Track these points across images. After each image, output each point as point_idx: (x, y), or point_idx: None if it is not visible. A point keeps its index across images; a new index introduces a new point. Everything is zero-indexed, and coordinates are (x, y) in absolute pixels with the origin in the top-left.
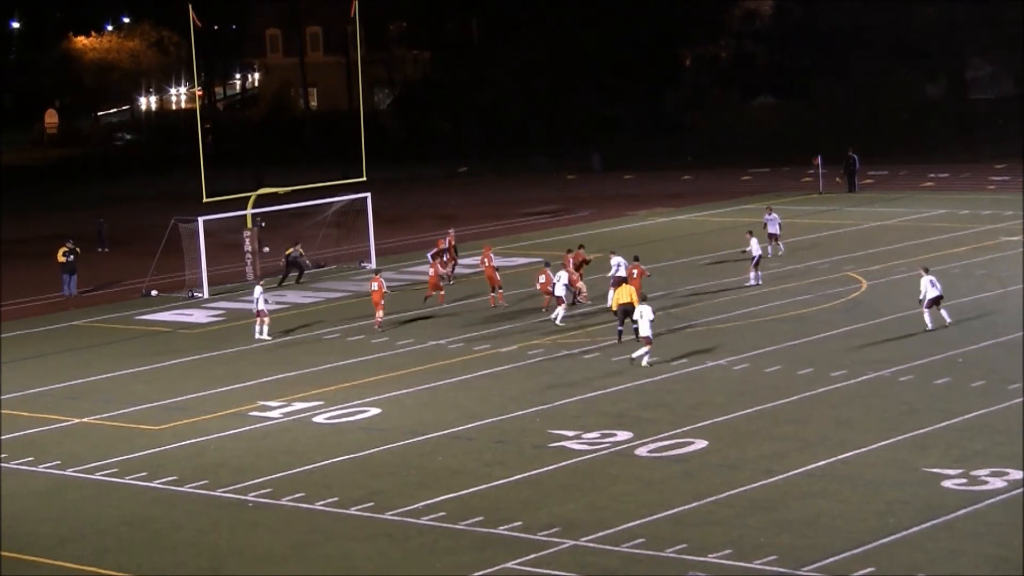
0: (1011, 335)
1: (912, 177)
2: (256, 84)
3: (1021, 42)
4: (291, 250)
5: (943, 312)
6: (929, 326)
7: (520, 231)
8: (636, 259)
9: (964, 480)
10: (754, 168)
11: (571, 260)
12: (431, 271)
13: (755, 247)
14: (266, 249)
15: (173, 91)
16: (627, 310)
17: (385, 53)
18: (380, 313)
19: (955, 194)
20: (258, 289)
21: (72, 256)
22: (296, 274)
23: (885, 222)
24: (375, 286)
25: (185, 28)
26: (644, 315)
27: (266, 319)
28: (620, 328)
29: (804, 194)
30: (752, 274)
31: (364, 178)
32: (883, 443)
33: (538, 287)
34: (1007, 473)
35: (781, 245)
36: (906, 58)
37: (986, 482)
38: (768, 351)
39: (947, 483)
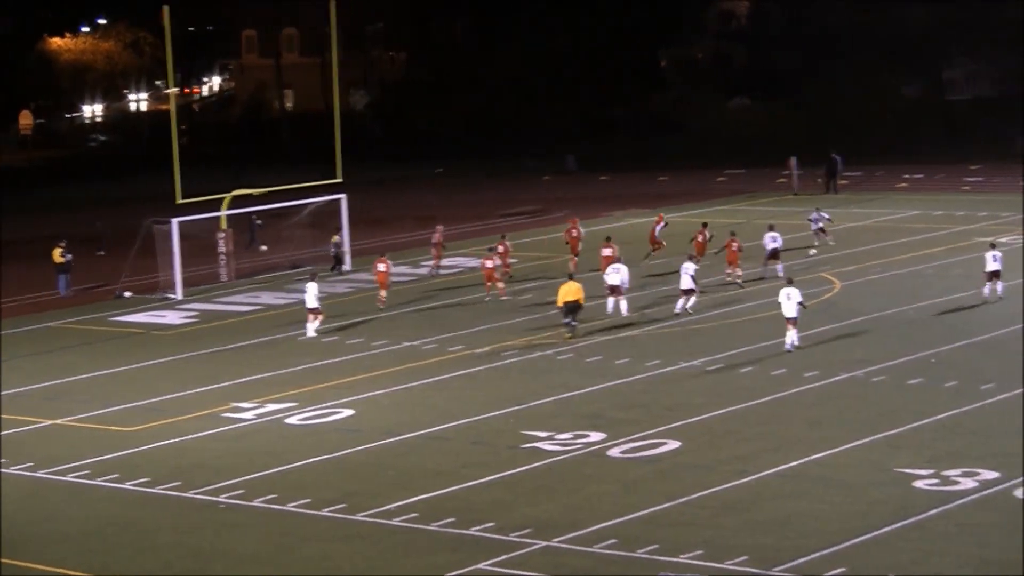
0: (984, 335)
1: (887, 178)
2: (232, 85)
3: (998, 43)
4: (336, 237)
5: (998, 286)
6: (985, 294)
7: (498, 232)
8: (733, 234)
9: (936, 480)
10: (730, 169)
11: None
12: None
13: (768, 240)
14: (263, 247)
15: (148, 92)
16: (572, 307)
17: (362, 54)
18: (383, 293)
19: (929, 195)
20: (313, 286)
21: (70, 256)
22: (337, 265)
23: (860, 223)
24: (382, 267)
25: (161, 29)
26: (792, 297)
27: (320, 316)
28: (567, 320)
29: (779, 195)
30: (778, 266)
31: (340, 179)
32: (856, 443)
33: (483, 271)
34: (979, 473)
35: (817, 241)
36: (884, 59)
37: (958, 482)
38: (742, 352)
39: (919, 483)
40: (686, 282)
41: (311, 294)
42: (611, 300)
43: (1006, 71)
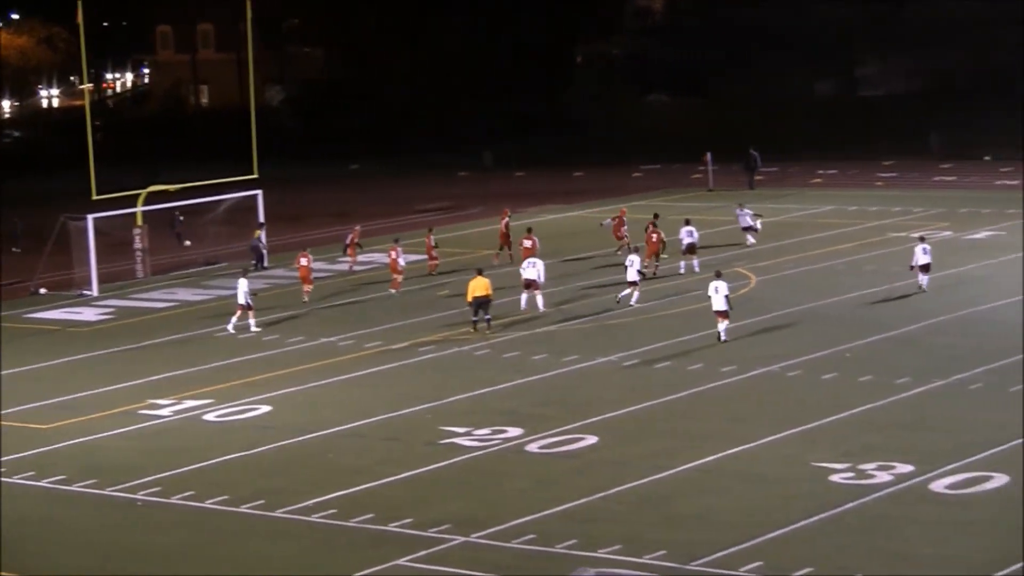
0: (898, 330)
1: (802, 174)
2: (147, 81)
3: (909, 40)
4: (259, 232)
5: (925, 279)
6: (922, 287)
7: (411, 228)
8: (655, 225)
9: (852, 474)
10: (645, 165)
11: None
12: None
13: (683, 234)
14: (187, 243)
15: (63, 88)
16: (481, 302)
17: (278, 50)
18: (309, 287)
19: (844, 191)
20: (244, 282)
21: None
22: (256, 261)
23: (775, 218)
24: (304, 261)
25: (75, 24)
26: (720, 290)
27: (250, 312)
28: (475, 319)
29: (694, 191)
30: (694, 260)
31: (256, 175)
32: (772, 438)
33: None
34: (894, 467)
35: (750, 237)
36: (797, 55)
37: (873, 476)
38: (658, 347)
39: (835, 477)
40: (632, 274)
41: (242, 290)
42: (525, 295)
43: (918, 68)
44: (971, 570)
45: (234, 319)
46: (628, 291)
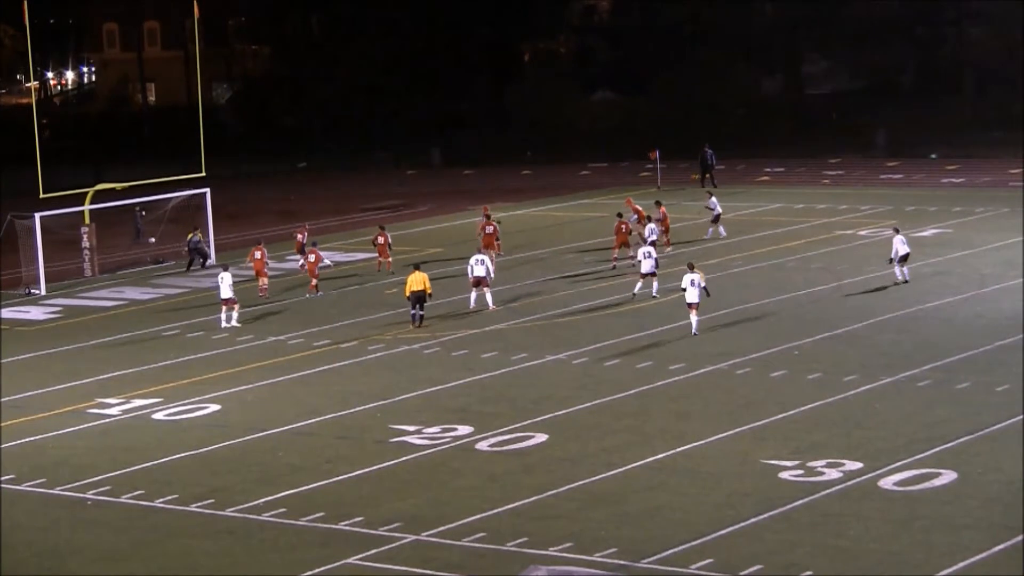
0: (846, 328)
1: (749, 171)
2: (93, 79)
3: (855, 38)
4: (191, 235)
5: (904, 269)
6: (899, 278)
7: (359, 226)
8: (620, 215)
9: (801, 472)
10: (593, 163)
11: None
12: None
13: (647, 232)
14: (151, 239)
15: (9, 86)
16: (419, 297)
17: (224, 48)
18: (264, 281)
19: (791, 188)
20: (227, 276)
21: None
22: (200, 260)
23: (722, 216)
24: (258, 255)
25: (21, 22)
26: (696, 282)
27: (235, 306)
28: (413, 312)
29: (643, 188)
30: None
31: (203, 173)
32: (722, 435)
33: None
34: (843, 464)
35: (722, 229)
36: (744, 53)
37: (822, 473)
38: (607, 345)
39: (785, 475)
40: (647, 266)
41: (225, 284)
42: (474, 293)
43: (862, 65)
44: (919, 567)
45: (234, 315)
46: (642, 283)
